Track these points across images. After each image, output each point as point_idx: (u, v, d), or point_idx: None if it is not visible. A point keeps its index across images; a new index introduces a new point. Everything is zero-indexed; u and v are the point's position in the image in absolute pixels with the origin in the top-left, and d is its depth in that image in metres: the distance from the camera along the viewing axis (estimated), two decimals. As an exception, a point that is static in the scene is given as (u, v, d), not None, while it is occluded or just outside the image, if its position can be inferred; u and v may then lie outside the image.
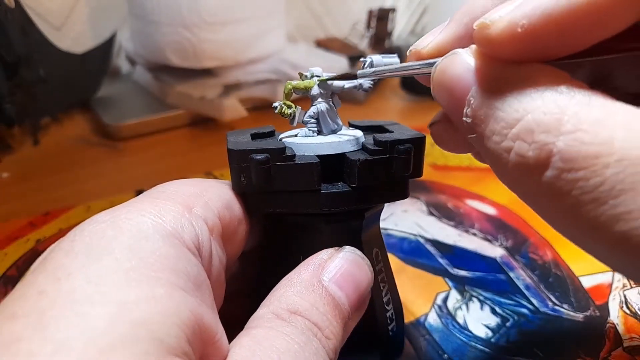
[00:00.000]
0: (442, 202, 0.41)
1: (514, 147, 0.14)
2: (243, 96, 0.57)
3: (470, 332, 0.28)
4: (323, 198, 0.20)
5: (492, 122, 0.15)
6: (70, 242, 0.15)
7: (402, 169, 0.20)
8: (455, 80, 0.16)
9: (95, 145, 0.52)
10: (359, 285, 0.19)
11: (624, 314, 0.29)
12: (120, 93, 0.61)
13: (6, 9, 0.44)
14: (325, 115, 0.22)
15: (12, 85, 0.46)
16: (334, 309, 0.18)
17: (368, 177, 0.20)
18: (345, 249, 0.20)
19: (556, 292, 0.31)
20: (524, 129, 0.14)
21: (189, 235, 0.17)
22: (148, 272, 0.15)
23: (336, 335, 0.18)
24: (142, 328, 0.13)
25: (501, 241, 0.36)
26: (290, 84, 0.22)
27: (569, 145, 0.13)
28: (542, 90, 0.14)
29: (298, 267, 0.20)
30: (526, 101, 0.14)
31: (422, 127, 0.23)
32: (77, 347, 0.12)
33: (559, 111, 0.14)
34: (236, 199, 0.21)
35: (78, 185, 0.44)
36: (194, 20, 0.54)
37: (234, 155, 0.20)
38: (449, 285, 0.32)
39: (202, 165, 0.47)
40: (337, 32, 0.79)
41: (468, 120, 0.16)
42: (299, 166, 0.19)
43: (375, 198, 0.21)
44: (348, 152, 0.21)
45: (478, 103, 0.15)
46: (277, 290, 0.19)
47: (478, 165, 0.46)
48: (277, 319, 0.17)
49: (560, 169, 0.13)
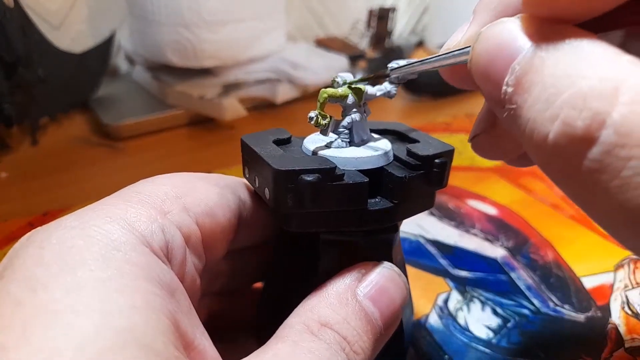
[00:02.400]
0: (443, 202, 0.41)
1: (561, 115, 0.13)
2: (243, 96, 0.57)
3: (471, 333, 0.28)
4: (368, 215, 0.20)
5: (538, 89, 0.13)
6: (39, 250, 0.15)
7: (438, 183, 0.21)
8: (498, 47, 0.15)
9: (94, 145, 0.52)
10: (393, 302, 0.19)
11: (625, 314, 0.29)
12: (120, 93, 0.61)
13: (5, 8, 0.44)
14: (359, 124, 0.22)
15: (11, 85, 0.46)
16: (366, 324, 0.18)
17: (409, 193, 0.20)
18: (382, 264, 0.20)
19: (557, 292, 0.31)
20: (575, 95, 0.12)
21: (158, 243, 0.17)
22: (125, 282, 0.14)
23: (365, 350, 0.18)
24: (128, 335, 0.13)
25: (502, 241, 0.36)
26: (326, 92, 0.21)
27: (626, 116, 0.12)
28: (600, 56, 0.13)
29: (334, 278, 0.20)
30: (581, 66, 0.13)
31: (422, 126, 0.23)
32: (67, 355, 0.12)
33: (618, 80, 0.12)
34: (221, 205, 0.20)
35: (77, 185, 0.44)
36: (194, 20, 0.54)
37: (281, 176, 0.18)
38: (449, 285, 0.32)
39: (202, 165, 0.47)
40: (337, 32, 0.79)
41: (509, 90, 0.14)
42: (349, 186, 0.19)
43: (411, 211, 0.21)
44: (387, 166, 0.21)
45: (525, 68, 0.14)
46: (310, 300, 0.19)
47: (479, 165, 0.46)
48: (306, 332, 0.17)
49: (611, 144, 0.12)
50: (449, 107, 0.60)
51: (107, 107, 0.57)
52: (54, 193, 0.43)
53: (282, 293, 0.23)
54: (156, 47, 0.56)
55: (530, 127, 0.14)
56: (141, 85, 0.62)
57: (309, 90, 0.59)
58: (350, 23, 0.77)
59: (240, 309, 0.25)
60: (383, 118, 0.27)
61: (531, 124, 0.14)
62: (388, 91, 0.22)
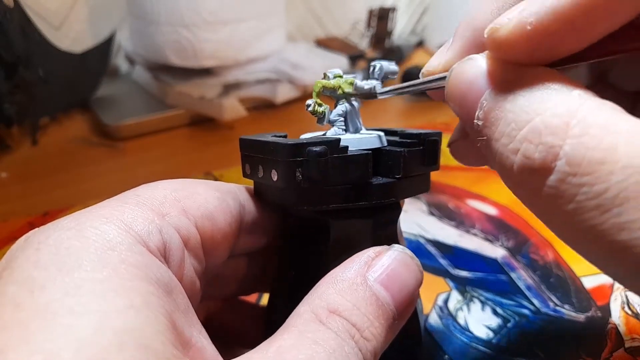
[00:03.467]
0: (443, 202, 0.41)
1: (521, 149, 0.14)
2: (243, 96, 0.57)
3: (471, 333, 0.28)
4: (374, 190, 0.20)
5: (501, 124, 0.15)
6: (36, 251, 0.15)
7: (432, 162, 0.22)
8: (468, 83, 0.16)
9: (94, 145, 0.52)
10: (406, 286, 0.19)
11: (625, 314, 0.29)
12: (120, 93, 0.61)
13: (5, 9, 0.44)
14: (353, 114, 0.23)
15: (11, 85, 0.46)
16: (378, 309, 0.18)
17: (408, 168, 0.21)
18: (394, 247, 0.20)
19: (557, 292, 0.31)
20: (532, 131, 0.14)
21: (155, 243, 0.17)
22: (122, 282, 0.15)
23: (377, 336, 0.18)
24: (127, 336, 0.13)
25: (502, 241, 0.36)
26: (320, 83, 0.22)
27: (575, 149, 0.13)
28: (552, 93, 0.14)
29: (343, 264, 0.19)
30: (536, 103, 0.14)
31: (422, 126, 0.24)
32: (66, 356, 0.12)
33: (568, 114, 0.14)
34: (222, 209, 0.20)
35: (77, 186, 0.44)
36: (194, 20, 0.54)
37: (287, 150, 0.19)
38: (449, 285, 0.32)
39: (202, 165, 0.47)
40: (337, 32, 0.79)
41: (479, 123, 0.16)
42: (354, 157, 0.19)
43: (412, 189, 0.22)
44: (383, 148, 0.21)
45: (490, 105, 0.16)
46: (320, 287, 0.18)
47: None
48: (313, 321, 0.17)
49: (565, 173, 0.13)
50: (448, 107, 0.60)
51: (107, 107, 0.57)
52: (54, 193, 0.43)
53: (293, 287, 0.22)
54: (156, 47, 0.56)
55: (499, 158, 0.15)
56: (141, 85, 0.62)
57: (308, 90, 0.59)
58: (350, 23, 0.77)
59: (240, 315, 0.25)
60: (383, 118, 0.27)
61: (499, 156, 0.15)
62: (374, 86, 0.23)
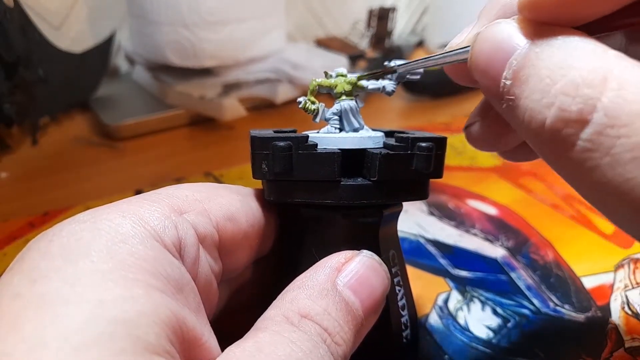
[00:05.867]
0: (443, 202, 0.41)
1: (556, 102, 0.14)
2: (243, 96, 0.57)
3: (471, 333, 0.28)
4: (342, 190, 0.20)
5: (534, 80, 0.15)
6: (48, 243, 0.15)
7: (423, 166, 0.20)
8: (496, 45, 0.16)
9: (94, 145, 0.52)
10: (374, 291, 0.19)
11: (625, 314, 0.29)
12: (120, 93, 0.61)
13: (5, 8, 0.44)
14: (349, 113, 0.22)
15: (11, 85, 0.46)
16: (347, 314, 0.18)
17: (388, 172, 0.20)
18: (362, 252, 0.20)
19: (557, 292, 0.31)
20: (568, 83, 0.14)
21: (170, 238, 0.17)
22: (125, 274, 0.14)
23: (347, 341, 0.18)
24: (118, 326, 0.13)
25: (502, 241, 0.36)
26: (316, 81, 0.22)
27: (614, 101, 0.13)
28: (589, 51, 0.14)
29: (312, 268, 0.19)
30: (573, 59, 0.14)
31: (423, 127, 0.23)
32: (52, 346, 0.12)
33: (605, 70, 0.14)
34: (244, 212, 0.20)
35: (77, 186, 0.44)
36: (194, 20, 0.54)
37: (257, 142, 0.20)
38: (449, 285, 0.32)
39: (202, 165, 0.47)
40: (337, 32, 0.79)
41: (507, 82, 0.16)
42: (320, 155, 0.20)
43: (395, 195, 0.21)
44: (369, 149, 0.21)
45: (521, 64, 0.15)
46: (290, 292, 0.18)
47: (479, 165, 0.46)
48: (286, 322, 0.17)
49: (602, 125, 0.13)
50: (448, 107, 0.60)
51: (107, 107, 0.57)
52: (54, 193, 0.43)
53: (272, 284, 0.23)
54: (156, 47, 0.56)
55: (529, 115, 0.15)
56: (141, 85, 0.62)
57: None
58: (350, 23, 0.77)
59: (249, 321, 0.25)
60: (383, 118, 0.27)
61: (529, 112, 0.15)
62: (383, 86, 0.23)
